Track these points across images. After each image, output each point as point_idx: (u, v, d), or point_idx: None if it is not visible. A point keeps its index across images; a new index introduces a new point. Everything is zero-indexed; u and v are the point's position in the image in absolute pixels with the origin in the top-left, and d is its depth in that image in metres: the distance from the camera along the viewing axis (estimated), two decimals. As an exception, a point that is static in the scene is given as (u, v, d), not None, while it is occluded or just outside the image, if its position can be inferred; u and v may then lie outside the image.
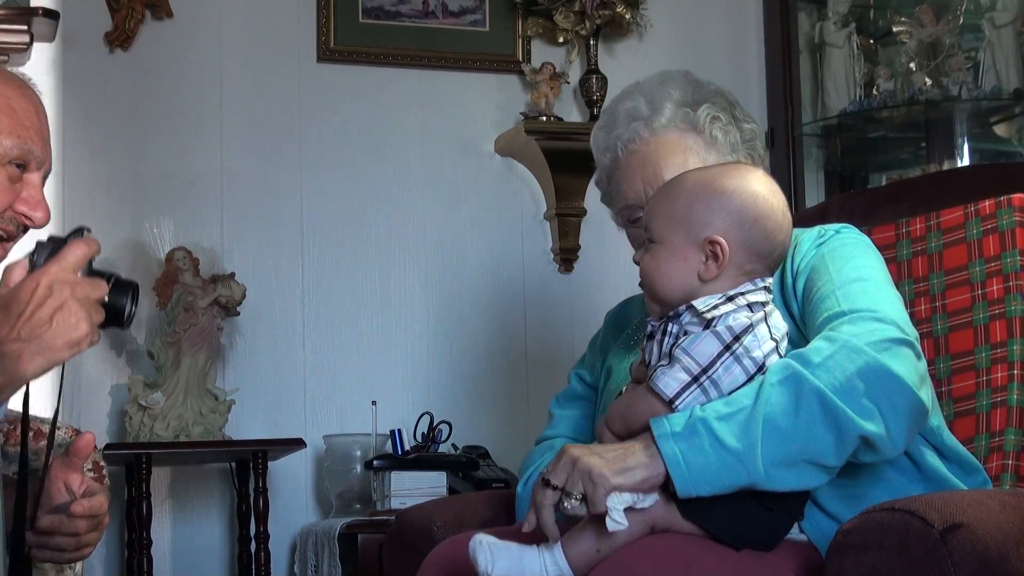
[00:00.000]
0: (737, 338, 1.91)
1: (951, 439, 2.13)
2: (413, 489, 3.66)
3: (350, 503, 3.92)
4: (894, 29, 4.41)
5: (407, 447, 3.85)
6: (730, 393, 1.90)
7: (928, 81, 4.27)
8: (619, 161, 2.32)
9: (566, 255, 4.35)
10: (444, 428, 3.92)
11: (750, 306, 1.95)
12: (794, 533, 1.99)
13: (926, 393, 1.95)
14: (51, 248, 1.87)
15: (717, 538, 1.90)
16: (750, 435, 1.85)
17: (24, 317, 1.78)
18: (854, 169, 4.67)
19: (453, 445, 3.94)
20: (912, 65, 4.30)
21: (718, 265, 1.98)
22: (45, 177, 2.06)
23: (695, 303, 1.95)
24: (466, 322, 4.27)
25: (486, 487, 3.65)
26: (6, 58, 3.77)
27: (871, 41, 4.49)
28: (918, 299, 2.47)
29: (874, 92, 4.33)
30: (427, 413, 3.94)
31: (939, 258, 2.47)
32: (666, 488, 1.89)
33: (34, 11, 3.76)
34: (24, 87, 2.02)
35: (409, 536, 2.45)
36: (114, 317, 1.91)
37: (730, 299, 1.96)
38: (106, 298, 1.87)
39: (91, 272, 1.88)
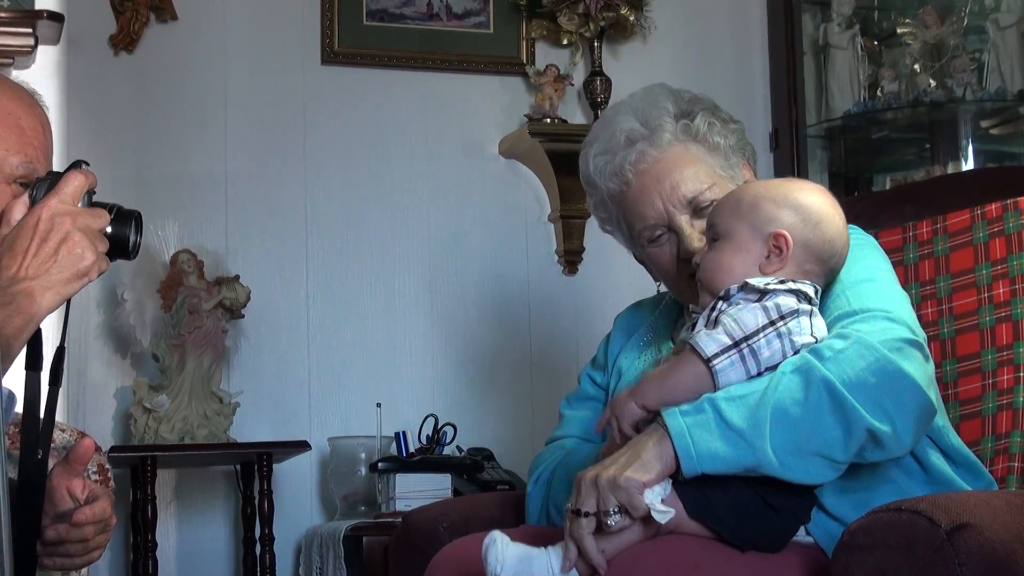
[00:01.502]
0: (783, 317, 1.95)
1: (956, 440, 2.14)
2: (418, 491, 3.66)
3: (355, 505, 3.92)
4: (898, 31, 4.42)
5: (412, 449, 3.85)
6: (767, 370, 1.93)
7: (932, 82, 4.27)
8: (630, 184, 2.31)
9: (570, 257, 4.35)
10: (449, 430, 3.92)
11: (798, 295, 1.97)
12: (800, 535, 2.00)
13: (934, 394, 1.97)
14: (49, 183, 1.88)
15: (724, 539, 1.91)
16: (757, 417, 1.87)
17: (30, 254, 1.80)
18: (858, 171, 4.67)
19: (458, 447, 3.94)
20: (916, 66, 4.30)
21: (780, 259, 2.03)
22: None
23: (750, 280, 1.99)
24: (470, 324, 4.28)
25: (491, 489, 3.65)
26: (11, 61, 3.77)
27: (875, 43, 4.49)
28: (925, 302, 2.47)
29: (878, 94, 4.33)
30: (432, 415, 3.94)
31: (946, 261, 2.47)
32: (673, 488, 1.90)
33: (38, 14, 3.76)
34: (33, 104, 2.03)
35: (415, 537, 2.45)
36: (120, 248, 1.90)
37: (782, 283, 1.99)
38: (109, 229, 1.88)
39: (92, 204, 1.89)
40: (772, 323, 1.94)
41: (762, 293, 1.97)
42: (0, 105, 1.96)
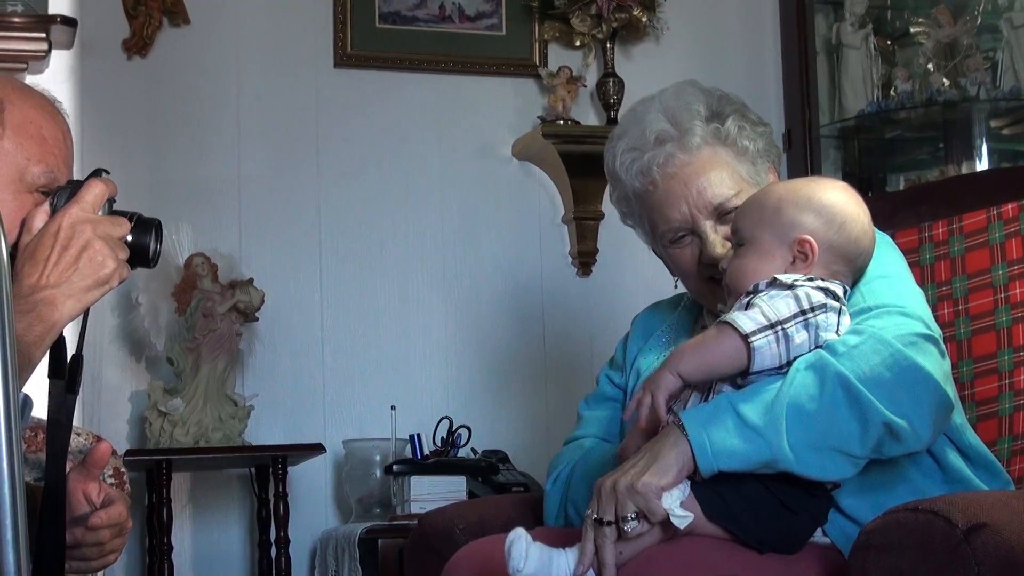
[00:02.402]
0: (813, 309, 1.94)
1: (974, 438, 2.14)
2: (433, 494, 3.67)
3: (370, 508, 3.92)
4: (911, 30, 4.41)
5: (426, 452, 3.85)
6: (796, 358, 1.93)
7: (946, 82, 4.26)
8: (656, 185, 2.30)
9: (584, 259, 4.35)
10: (463, 432, 3.92)
11: (825, 292, 1.97)
12: (817, 536, 1.99)
13: (951, 389, 1.96)
14: (70, 191, 1.89)
15: (741, 541, 1.91)
16: (773, 413, 1.87)
17: (51, 262, 1.81)
18: (872, 170, 4.66)
19: (472, 449, 3.94)
20: (930, 66, 4.29)
21: (806, 265, 2.03)
22: None
23: (778, 276, 1.99)
24: (484, 326, 4.28)
25: (506, 491, 3.65)
26: (25, 66, 3.78)
27: (888, 42, 4.48)
28: (941, 303, 2.46)
29: (892, 93, 4.33)
30: (446, 417, 3.94)
31: (962, 262, 2.46)
32: (691, 491, 1.90)
33: (52, 19, 3.77)
34: (55, 113, 2.03)
35: (431, 540, 2.45)
36: (140, 256, 1.91)
37: (810, 280, 1.99)
38: (129, 237, 1.89)
39: (112, 212, 1.90)
40: (803, 312, 1.93)
41: (790, 288, 1.96)
42: (22, 114, 1.96)
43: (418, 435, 3.86)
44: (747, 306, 1.96)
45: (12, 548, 1.33)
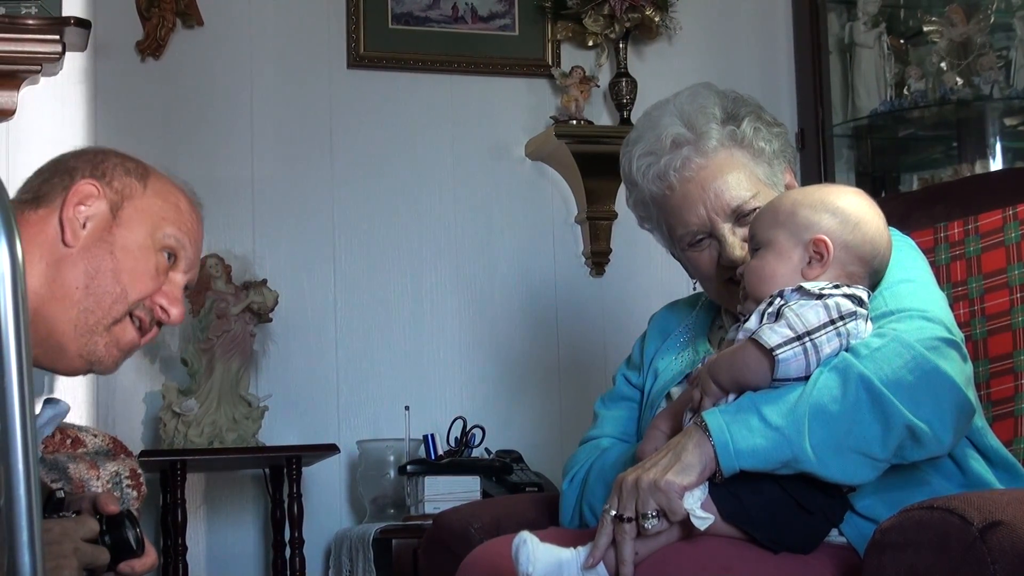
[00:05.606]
0: (843, 317, 1.94)
1: (995, 441, 2.14)
2: (447, 494, 3.67)
3: (384, 508, 3.92)
4: (924, 29, 4.40)
5: (440, 452, 3.85)
6: None
7: (959, 80, 4.25)
8: (673, 189, 2.30)
9: (597, 259, 4.35)
10: (477, 432, 3.92)
11: (852, 299, 1.97)
12: (833, 535, 1.99)
13: (972, 394, 1.96)
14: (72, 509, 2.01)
15: (756, 541, 1.91)
16: (795, 414, 1.88)
17: None
18: (885, 170, 4.66)
19: (486, 449, 3.94)
20: (943, 64, 4.28)
21: (822, 265, 2.03)
22: (188, 286, 2.11)
23: (804, 284, 1.99)
24: (498, 326, 4.28)
25: (520, 491, 3.65)
26: (39, 68, 3.79)
27: (901, 41, 4.47)
28: (957, 303, 2.46)
29: (905, 92, 4.32)
30: (460, 418, 3.94)
31: (978, 262, 2.46)
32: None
33: (66, 21, 3.78)
34: (193, 198, 2.13)
35: (447, 539, 2.45)
36: (125, 548, 1.99)
37: (836, 287, 1.99)
38: (108, 539, 1.97)
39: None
40: (832, 322, 1.93)
41: (818, 296, 1.96)
42: (163, 185, 2.11)
43: (432, 435, 3.87)
44: (776, 315, 1.95)
45: (28, 549, 1.34)
